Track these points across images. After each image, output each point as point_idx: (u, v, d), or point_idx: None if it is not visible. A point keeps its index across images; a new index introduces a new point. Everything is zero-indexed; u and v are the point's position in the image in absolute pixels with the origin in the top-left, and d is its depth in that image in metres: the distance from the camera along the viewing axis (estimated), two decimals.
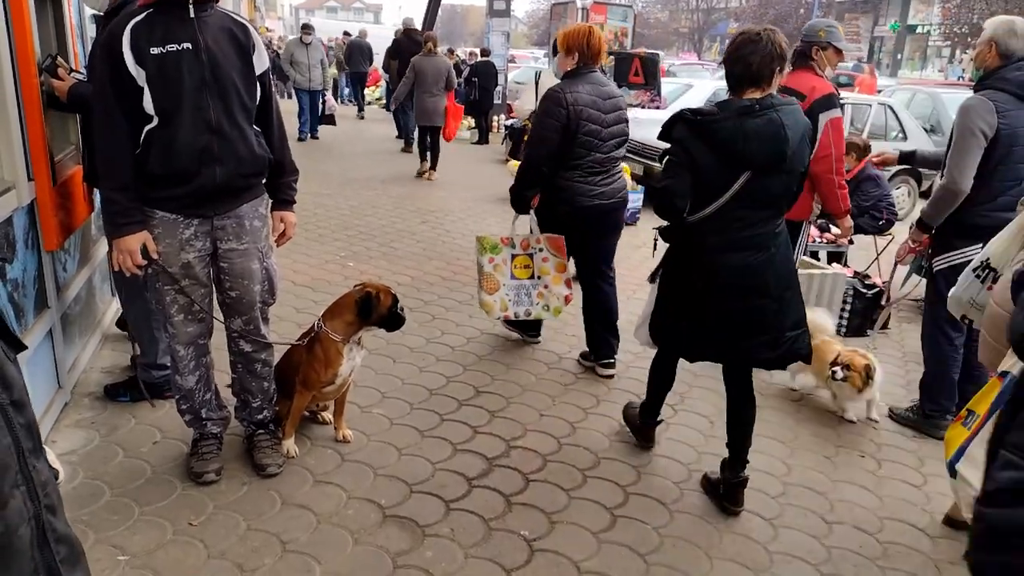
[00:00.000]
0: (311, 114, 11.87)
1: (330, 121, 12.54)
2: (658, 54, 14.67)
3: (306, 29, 11.88)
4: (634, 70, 12.39)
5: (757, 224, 2.68)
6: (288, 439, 3.07)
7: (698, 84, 12.49)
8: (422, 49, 9.87)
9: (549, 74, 7.13)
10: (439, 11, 18.04)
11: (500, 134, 13.29)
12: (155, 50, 2.43)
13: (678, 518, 2.87)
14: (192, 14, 2.48)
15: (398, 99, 10.24)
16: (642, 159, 8.74)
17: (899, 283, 5.00)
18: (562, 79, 3.91)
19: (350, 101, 16.80)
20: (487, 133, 13.46)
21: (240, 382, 2.99)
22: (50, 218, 3.04)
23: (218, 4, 2.61)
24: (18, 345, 1.05)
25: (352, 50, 16.10)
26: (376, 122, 15.15)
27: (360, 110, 16.18)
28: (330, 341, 2.96)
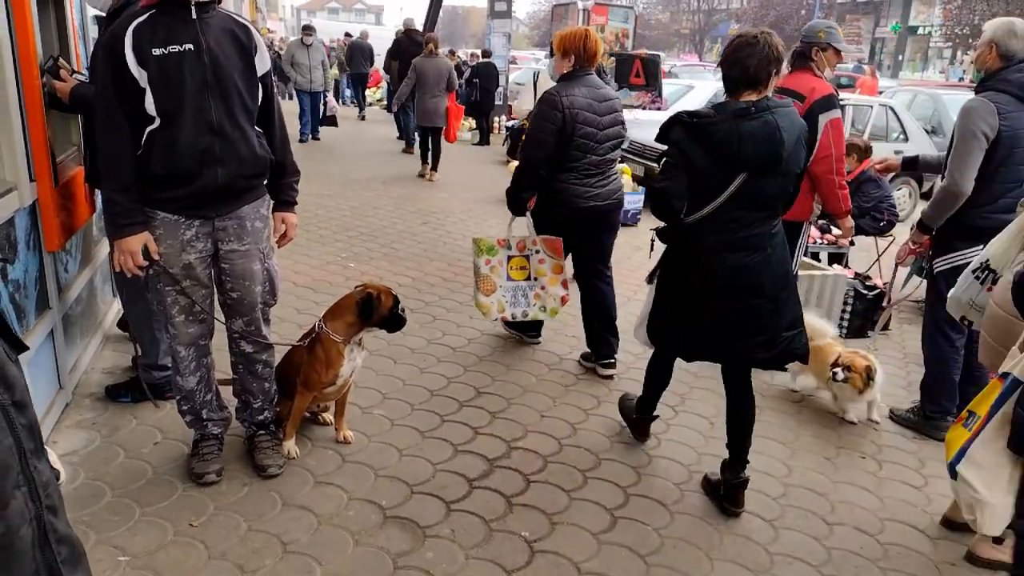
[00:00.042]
0: (312, 115, 11.87)
1: (331, 122, 12.56)
2: (659, 55, 14.68)
3: (307, 30, 11.87)
4: (635, 71, 12.40)
5: (753, 225, 2.69)
6: (289, 440, 3.07)
7: (699, 85, 12.50)
8: (422, 50, 9.87)
9: (547, 75, 7.14)
10: (440, 12, 18.05)
11: (501, 135, 13.31)
12: (157, 51, 2.44)
13: (679, 519, 2.87)
14: (194, 15, 2.48)
15: (400, 100, 10.24)
16: (643, 160, 8.74)
17: (900, 284, 5.00)
18: (558, 81, 3.92)
19: (353, 102, 16.81)
20: (488, 134, 13.47)
21: (241, 383, 2.99)
22: (52, 219, 3.05)
23: (220, 5, 2.61)
24: (20, 346, 1.05)
25: (353, 51, 16.10)
26: (377, 123, 15.16)
27: (361, 110, 16.19)
28: (331, 342, 2.97)
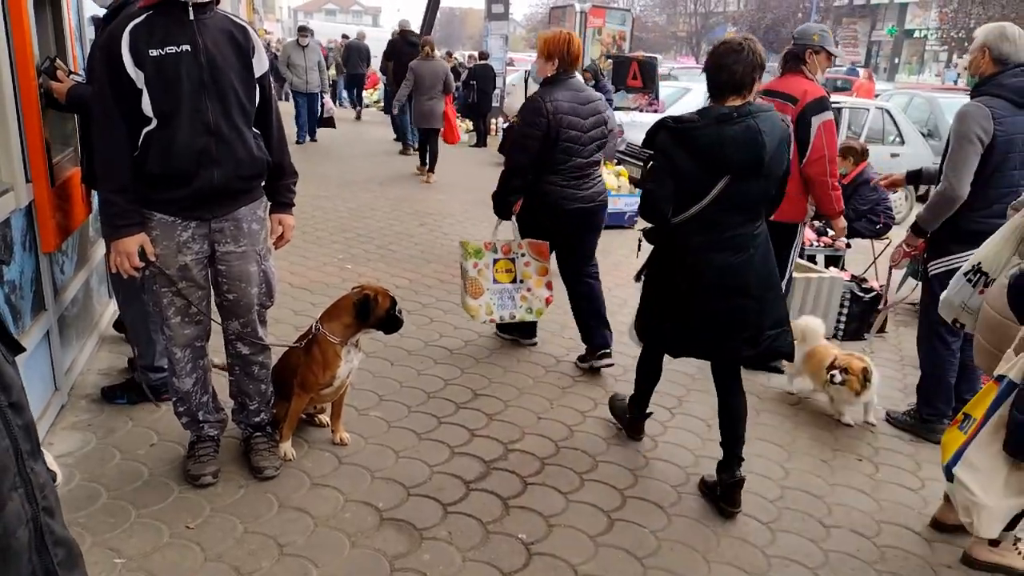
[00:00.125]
0: (309, 117, 11.84)
1: (329, 123, 12.54)
2: (656, 58, 14.72)
3: (303, 31, 11.83)
4: (632, 74, 12.43)
5: (737, 226, 2.78)
6: (285, 442, 3.06)
7: (696, 88, 12.52)
8: (417, 51, 9.89)
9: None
10: (437, 14, 18.06)
11: (498, 137, 13.30)
12: (154, 52, 2.43)
13: (675, 522, 2.87)
14: (192, 16, 2.48)
15: (400, 102, 10.26)
16: (639, 162, 8.75)
17: (895, 287, 5.02)
18: (541, 85, 3.98)
19: (353, 104, 16.80)
20: (485, 136, 13.47)
21: (237, 384, 2.99)
22: (48, 220, 3.04)
23: (218, 6, 2.61)
24: (16, 347, 1.05)
25: (350, 52, 16.10)
26: (374, 124, 15.15)
27: (356, 109, 16.19)
28: (328, 343, 2.96)
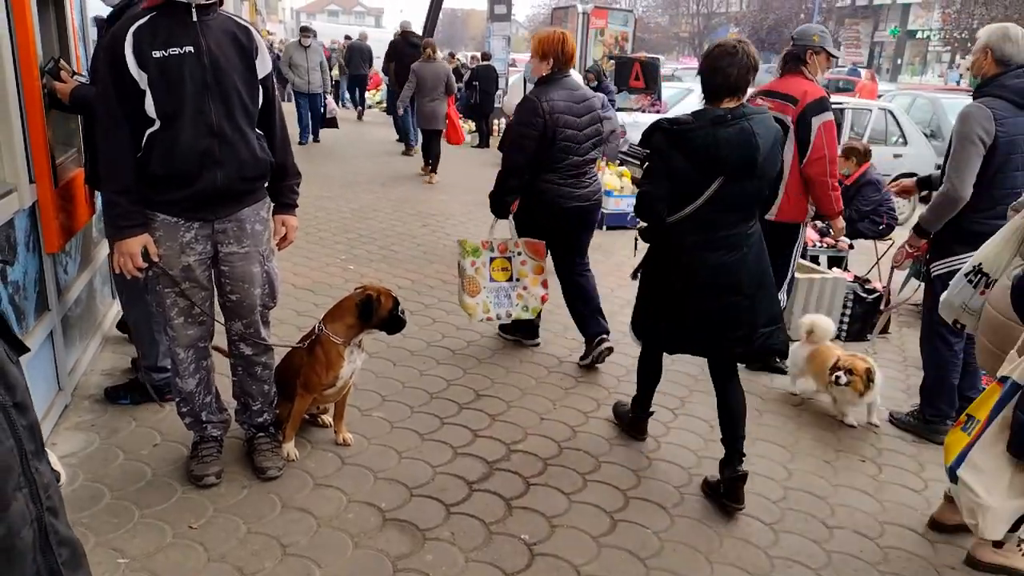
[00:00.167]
0: (312, 117, 11.85)
1: (332, 124, 12.55)
2: (659, 58, 14.71)
3: (305, 32, 11.83)
4: (635, 74, 12.41)
5: (731, 226, 2.82)
6: (288, 442, 3.07)
7: (698, 88, 12.49)
8: (419, 52, 9.91)
9: None
10: (440, 15, 18.05)
11: (501, 138, 13.30)
12: (157, 53, 2.44)
13: (678, 522, 2.87)
14: (195, 18, 2.48)
15: (403, 104, 10.29)
16: (642, 163, 8.75)
17: (898, 288, 5.01)
18: (536, 84, 4.01)
19: (355, 105, 16.82)
20: (488, 137, 13.46)
21: (240, 385, 2.99)
22: (51, 220, 3.05)
23: (221, 7, 2.62)
24: (20, 347, 1.04)
25: (352, 52, 16.12)
26: (376, 125, 15.17)
27: (357, 107, 16.20)
28: (331, 344, 2.97)
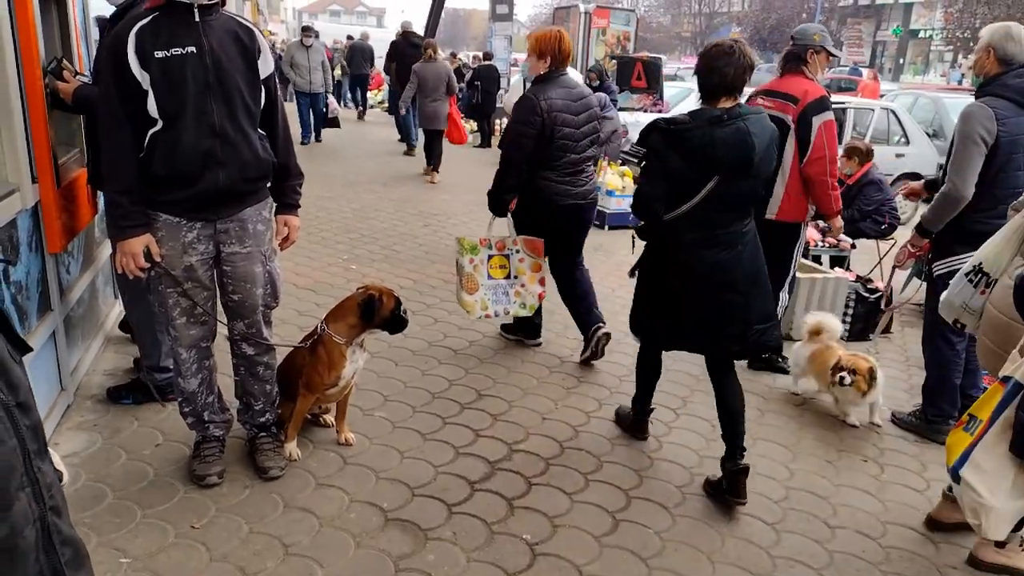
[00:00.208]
0: (313, 117, 11.85)
1: (334, 124, 12.55)
2: (660, 58, 14.69)
3: (307, 31, 11.83)
4: (637, 74, 12.41)
5: (727, 224, 2.85)
6: (290, 442, 3.07)
7: None
8: (420, 52, 9.91)
9: None
10: (442, 14, 18.06)
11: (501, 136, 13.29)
12: (159, 54, 2.44)
13: (680, 522, 2.87)
14: (197, 18, 2.48)
15: (405, 105, 10.31)
16: (639, 162, 8.76)
17: (900, 287, 5.00)
18: (533, 83, 4.04)
19: (357, 105, 16.82)
20: (490, 136, 13.46)
21: (242, 385, 2.99)
22: (54, 221, 3.05)
23: (224, 7, 2.62)
24: (23, 347, 1.05)
25: (353, 52, 16.14)
26: (378, 125, 15.17)
27: (358, 107, 16.20)
28: (333, 343, 2.97)
